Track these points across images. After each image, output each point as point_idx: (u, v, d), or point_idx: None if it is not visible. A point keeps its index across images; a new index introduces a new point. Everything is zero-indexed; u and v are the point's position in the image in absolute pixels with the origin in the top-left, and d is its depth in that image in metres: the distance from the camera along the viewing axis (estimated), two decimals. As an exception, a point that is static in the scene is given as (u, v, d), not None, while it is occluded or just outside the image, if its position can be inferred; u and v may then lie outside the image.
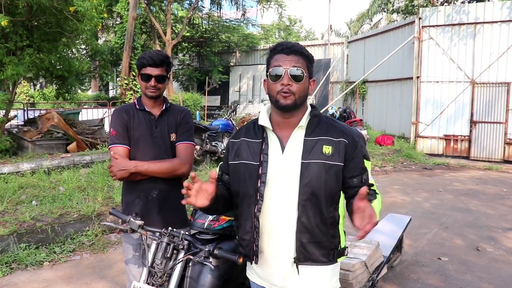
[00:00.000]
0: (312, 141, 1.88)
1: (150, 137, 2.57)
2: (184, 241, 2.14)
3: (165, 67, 2.56)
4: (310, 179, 1.85)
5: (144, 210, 2.56)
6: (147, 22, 19.14)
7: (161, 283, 2.15)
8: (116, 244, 5.41)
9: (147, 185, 2.57)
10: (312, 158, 1.86)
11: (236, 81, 22.61)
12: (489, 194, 8.42)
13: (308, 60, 1.90)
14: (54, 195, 6.37)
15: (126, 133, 2.55)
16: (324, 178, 1.85)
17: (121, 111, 2.62)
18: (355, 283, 3.50)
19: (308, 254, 1.90)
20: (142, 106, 2.62)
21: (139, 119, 2.59)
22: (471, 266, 4.82)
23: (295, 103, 1.86)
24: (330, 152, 1.86)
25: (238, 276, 2.41)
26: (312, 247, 1.89)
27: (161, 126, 2.61)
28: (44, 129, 9.26)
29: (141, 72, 2.53)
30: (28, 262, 4.64)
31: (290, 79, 1.83)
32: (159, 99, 2.63)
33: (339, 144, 1.88)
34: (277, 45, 1.91)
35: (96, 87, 30.93)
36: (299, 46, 1.89)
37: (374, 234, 4.57)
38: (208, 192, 1.80)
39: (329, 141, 1.88)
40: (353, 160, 1.89)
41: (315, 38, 35.58)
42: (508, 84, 12.02)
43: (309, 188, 1.85)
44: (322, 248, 1.91)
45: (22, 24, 8.65)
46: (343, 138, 1.89)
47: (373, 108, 16.83)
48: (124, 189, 2.69)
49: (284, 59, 1.85)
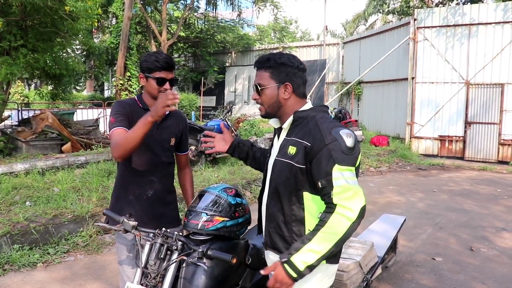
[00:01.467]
0: (285, 141, 2.04)
1: (149, 138, 2.52)
2: (178, 242, 2.13)
3: (173, 70, 2.56)
4: (275, 176, 2.05)
5: (137, 209, 2.55)
6: (142, 22, 19.10)
7: (155, 284, 2.15)
8: (110, 245, 5.40)
9: (143, 184, 2.57)
10: (280, 156, 2.04)
11: (232, 81, 22.59)
12: (483, 194, 8.46)
13: (274, 68, 2.00)
14: (48, 196, 6.33)
15: (126, 119, 2.46)
16: (286, 176, 1.98)
17: (124, 103, 2.56)
18: (349, 283, 3.51)
19: (273, 243, 2.09)
20: (145, 106, 2.57)
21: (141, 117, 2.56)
22: (465, 266, 4.83)
23: (266, 112, 2.11)
24: (293, 152, 1.95)
25: (232, 277, 2.41)
26: (276, 237, 2.07)
27: (162, 129, 2.60)
28: (38, 129, 9.21)
29: (155, 75, 2.46)
30: (21, 264, 4.61)
31: (255, 93, 2.09)
32: None
33: (301, 146, 1.93)
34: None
35: (91, 87, 30.83)
36: (262, 59, 2.05)
37: (369, 234, 4.59)
38: (226, 140, 2.43)
39: (296, 142, 1.96)
40: (315, 163, 1.89)
41: (311, 38, 35.63)
42: (502, 85, 12.08)
43: (274, 183, 2.06)
44: (285, 242, 2.03)
45: (16, 24, 8.61)
46: (306, 141, 1.92)
47: (368, 108, 16.86)
48: (118, 183, 2.66)
49: (256, 75, 2.09)
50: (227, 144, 2.44)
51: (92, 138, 10.25)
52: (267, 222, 2.12)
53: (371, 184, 9.31)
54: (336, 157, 1.85)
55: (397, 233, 4.61)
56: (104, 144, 9.83)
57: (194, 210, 2.36)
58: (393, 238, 4.49)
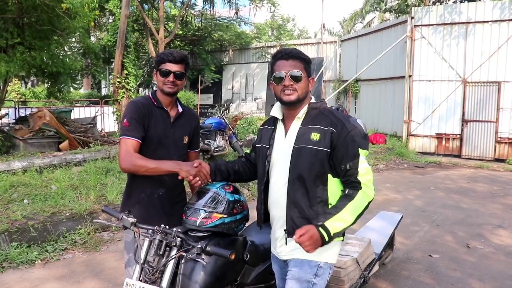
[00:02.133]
0: (304, 129, 2.19)
1: (163, 137, 2.58)
2: (177, 238, 2.15)
3: (184, 64, 2.58)
4: (298, 162, 2.17)
5: (148, 207, 2.59)
6: (139, 20, 19.07)
7: (154, 280, 2.16)
8: (108, 243, 5.41)
9: (154, 183, 2.60)
10: (302, 143, 2.17)
11: (229, 79, 22.58)
12: (479, 192, 8.49)
13: (305, 62, 2.23)
14: (46, 194, 6.32)
15: (140, 126, 2.50)
16: (310, 161, 2.14)
17: (139, 104, 2.57)
18: (346, 280, 3.53)
19: (297, 228, 2.09)
20: (160, 104, 2.61)
21: (156, 117, 2.58)
22: (462, 263, 4.86)
23: (299, 98, 2.19)
24: (317, 138, 2.14)
25: (230, 273, 2.43)
26: (300, 222, 2.16)
27: (176, 127, 2.64)
28: (36, 127, 9.19)
29: (160, 67, 2.54)
30: (19, 261, 4.63)
31: (291, 80, 2.17)
32: (174, 96, 2.66)
33: (327, 132, 2.14)
34: (277, 53, 2.26)
35: (89, 85, 30.76)
36: (296, 51, 2.23)
37: (366, 231, 4.62)
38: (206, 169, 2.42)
39: (318, 129, 2.16)
40: (340, 148, 2.12)
41: (308, 36, 35.64)
42: (499, 83, 12.12)
43: (297, 169, 2.17)
44: (310, 224, 2.10)
45: (13, 22, 8.59)
46: (331, 127, 2.14)
47: (365, 106, 16.89)
48: (130, 181, 2.69)
49: (284, 64, 2.19)
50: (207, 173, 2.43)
51: (89, 136, 10.24)
52: (289, 210, 2.19)
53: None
54: (359, 142, 2.15)
55: (394, 230, 4.64)
56: (102, 142, 9.82)
57: (192, 207, 2.38)
58: (390, 235, 4.51)
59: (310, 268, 2.19)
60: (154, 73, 2.61)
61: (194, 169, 2.35)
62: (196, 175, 2.35)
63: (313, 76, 2.29)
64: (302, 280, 2.19)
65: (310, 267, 2.19)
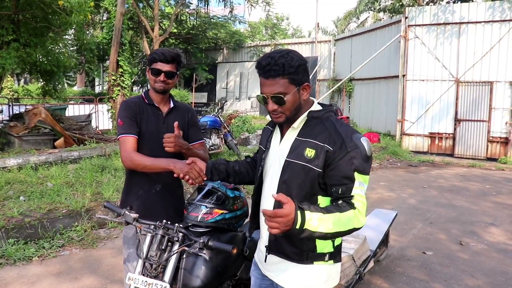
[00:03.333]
0: (299, 142, 1.93)
1: (156, 132, 2.61)
2: (179, 233, 2.19)
3: (175, 64, 2.61)
4: (287, 177, 1.92)
5: (147, 203, 2.62)
6: (134, 17, 18.99)
7: (156, 275, 2.19)
8: (105, 239, 5.43)
9: (151, 178, 2.63)
10: (294, 158, 1.91)
11: (223, 78, 22.60)
12: (472, 190, 8.60)
13: (291, 74, 1.86)
14: (42, 191, 6.33)
15: (134, 123, 2.58)
16: (301, 180, 1.89)
17: (130, 103, 2.65)
18: (342, 276, 3.58)
19: (279, 247, 1.97)
20: (151, 101, 2.67)
21: (148, 114, 2.64)
22: (455, 260, 4.94)
23: (288, 118, 1.94)
24: (312, 155, 1.87)
25: (231, 268, 2.47)
26: (283, 241, 1.95)
27: (168, 122, 2.66)
28: (31, 124, 9.16)
29: (152, 66, 2.58)
30: (16, 258, 4.64)
31: (273, 104, 1.90)
32: (166, 94, 2.69)
33: (322, 149, 1.86)
34: (258, 63, 1.90)
35: (82, 83, 30.63)
36: (276, 66, 1.83)
37: (361, 228, 4.67)
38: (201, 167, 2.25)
39: (314, 145, 1.88)
40: (335, 169, 1.84)
41: (302, 35, 35.71)
42: (491, 83, 12.25)
43: (285, 186, 1.92)
44: (293, 246, 1.94)
45: (9, 18, 8.56)
46: (328, 145, 1.85)
47: (359, 106, 16.99)
48: (128, 179, 2.73)
49: (265, 83, 1.88)
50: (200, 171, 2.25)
51: (84, 134, 10.22)
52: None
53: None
54: (357, 165, 1.82)
55: (388, 227, 4.71)
56: (97, 140, 9.81)
57: (193, 203, 2.43)
58: (385, 232, 4.59)
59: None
60: (147, 71, 2.66)
61: (187, 166, 2.29)
62: (187, 173, 2.29)
63: (307, 82, 1.94)
64: None
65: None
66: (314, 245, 1.93)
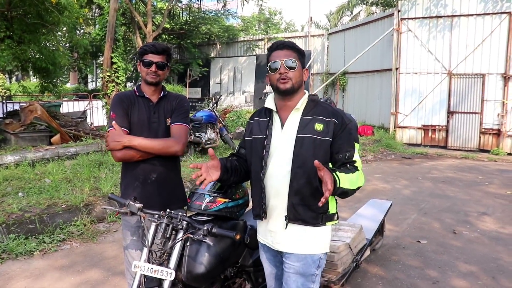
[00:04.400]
0: (307, 120, 2.25)
1: (148, 122, 2.70)
2: (183, 222, 2.26)
3: (165, 56, 2.70)
4: (301, 150, 2.22)
5: (143, 193, 2.66)
6: (126, 13, 18.96)
7: (161, 262, 2.27)
8: (105, 234, 5.49)
9: (145, 168, 2.69)
10: (306, 133, 2.23)
11: (217, 73, 22.61)
12: (465, 181, 8.73)
13: (299, 53, 2.30)
14: (41, 187, 6.38)
15: (125, 116, 2.67)
16: (314, 151, 2.21)
17: (122, 97, 2.74)
18: (340, 263, 3.68)
19: (298, 214, 2.24)
20: (141, 93, 2.75)
21: (139, 105, 2.72)
22: (448, 248, 5.06)
23: (293, 87, 2.25)
24: (321, 129, 2.22)
25: (233, 255, 2.56)
26: (301, 209, 2.24)
27: (158, 111, 2.73)
28: (27, 121, 9.18)
29: (143, 58, 2.66)
30: (18, 252, 4.69)
31: (286, 68, 2.23)
32: (158, 86, 2.76)
33: (330, 123, 2.23)
34: (273, 44, 2.32)
35: (75, 80, 30.51)
36: (291, 42, 2.31)
37: (357, 218, 4.78)
38: (215, 166, 2.25)
39: (321, 120, 2.23)
40: (340, 138, 2.23)
41: (295, 30, 35.74)
42: (483, 76, 12.39)
43: (300, 158, 2.21)
44: (311, 210, 2.23)
45: (1, 15, 8.55)
46: (333, 119, 2.23)
47: (353, 99, 17.09)
48: (123, 172, 2.80)
49: (279, 54, 2.26)
50: (217, 170, 2.26)
51: (80, 130, 10.25)
52: (291, 197, 2.23)
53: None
54: (355, 136, 2.28)
55: (384, 216, 4.81)
56: (93, 136, 9.85)
57: (197, 192, 2.50)
58: (380, 221, 4.68)
59: (313, 262, 2.28)
60: (138, 65, 2.74)
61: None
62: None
63: (306, 68, 2.35)
64: (307, 275, 2.28)
65: (313, 261, 2.28)
66: (327, 207, 2.28)
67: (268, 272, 2.50)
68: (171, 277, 2.17)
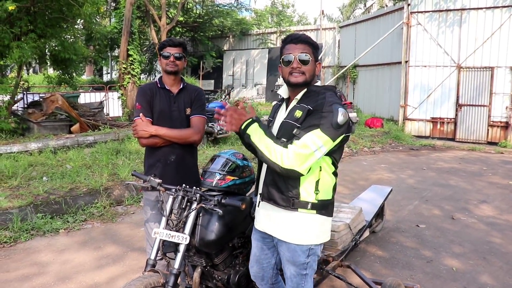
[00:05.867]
0: (295, 107, 2.34)
1: (169, 111, 3.08)
2: (196, 194, 2.62)
3: (181, 48, 3.08)
4: (280, 134, 2.33)
5: (163, 172, 3.04)
6: (141, 7, 19.35)
7: (177, 230, 2.62)
8: (123, 215, 5.90)
9: (166, 151, 3.07)
10: (287, 118, 2.34)
11: (230, 65, 22.94)
12: (469, 171, 8.97)
13: (313, 47, 2.36)
14: (63, 172, 6.82)
15: (149, 107, 3.06)
16: (289, 135, 2.25)
17: (145, 89, 3.14)
18: (339, 242, 4.01)
19: (270, 194, 2.38)
20: (162, 85, 3.13)
21: (160, 95, 3.10)
22: (445, 232, 5.36)
23: (306, 80, 2.34)
24: (299, 116, 2.26)
25: (240, 226, 2.91)
26: (272, 189, 2.36)
27: (178, 102, 3.12)
28: (49, 111, 9.65)
29: (162, 52, 3.05)
30: (45, 229, 5.13)
31: (299, 62, 2.31)
32: (177, 76, 3.13)
33: (305, 109, 2.25)
34: (287, 37, 2.40)
35: (91, 72, 31.11)
36: (306, 36, 2.36)
37: (358, 202, 5.11)
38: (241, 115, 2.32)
39: (302, 108, 2.28)
40: (306, 120, 2.23)
41: (308, 23, 35.83)
42: (492, 69, 12.53)
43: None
44: (280, 192, 2.32)
45: (26, 10, 8.97)
46: (310, 105, 2.25)
47: (363, 91, 17.30)
48: (147, 154, 3.19)
49: (293, 47, 2.33)
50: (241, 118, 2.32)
51: (98, 120, 10.70)
52: (266, 176, 2.41)
53: (364, 162, 9.82)
54: (322, 123, 2.16)
55: (384, 201, 5.11)
56: (110, 126, 10.28)
57: (208, 171, 2.86)
58: (380, 205, 4.99)
59: (302, 252, 2.37)
60: (159, 59, 3.11)
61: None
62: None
63: (319, 61, 2.42)
64: (297, 264, 2.39)
65: (302, 252, 2.37)
66: (298, 192, 2.29)
67: (253, 253, 2.66)
68: (186, 241, 2.52)
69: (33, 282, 3.98)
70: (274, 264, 2.65)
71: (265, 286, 2.71)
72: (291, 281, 2.45)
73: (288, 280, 2.47)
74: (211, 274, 2.85)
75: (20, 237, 4.93)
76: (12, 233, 4.94)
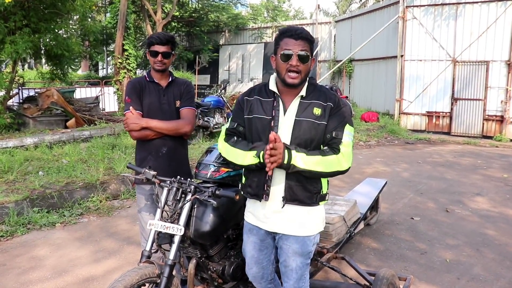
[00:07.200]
0: (306, 103, 2.34)
1: (158, 104, 3.10)
2: (191, 186, 2.64)
3: (170, 45, 3.08)
4: (299, 134, 2.31)
5: (155, 164, 3.04)
6: (136, 1, 19.27)
7: (172, 221, 2.64)
8: (119, 209, 5.92)
9: (157, 144, 3.09)
10: (304, 116, 2.32)
11: (226, 60, 22.90)
12: (464, 165, 9.02)
13: (311, 43, 2.33)
14: (59, 166, 6.82)
15: (139, 100, 3.08)
16: (311, 134, 2.31)
17: (134, 82, 3.16)
18: (334, 234, 4.04)
19: (295, 195, 2.36)
20: (151, 79, 3.15)
21: (150, 89, 3.13)
22: (439, 224, 5.40)
23: (301, 80, 2.32)
24: (319, 113, 2.31)
25: (234, 217, 2.93)
26: (298, 189, 2.35)
27: (168, 94, 3.14)
28: (45, 106, 9.64)
29: (150, 49, 3.05)
30: (42, 223, 5.14)
31: (298, 60, 2.26)
32: (165, 72, 3.16)
33: (327, 107, 2.33)
34: (287, 30, 2.32)
35: (86, 67, 31.01)
36: (306, 32, 2.31)
37: (353, 194, 5.14)
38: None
39: (319, 105, 2.33)
40: (332, 119, 2.32)
41: (304, 17, 35.78)
42: (487, 63, 12.57)
43: (298, 140, 2.31)
44: (307, 191, 2.36)
45: (20, 4, 8.93)
46: (330, 102, 2.33)
47: (359, 86, 17.32)
48: (138, 147, 3.21)
49: (293, 43, 2.26)
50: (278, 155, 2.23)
51: (94, 115, 10.69)
52: (288, 179, 2.34)
53: (359, 156, 9.85)
54: (347, 118, 2.38)
55: (378, 193, 5.14)
56: (106, 120, 10.28)
57: (203, 163, 2.88)
58: (374, 198, 5.02)
59: (310, 241, 2.43)
60: (147, 54, 3.13)
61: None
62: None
63: (313, 57, 2.38)
64: (304, 254, 2.44)
65: (310, 241, 2.43)
66: (321, 187, 2.40)
67: (250, 255, 2.60)
68: (180, 232, 2.54)
69: (29, 275, 4.00)
70: (273, 259, 2.67)
71: (264, 283, 2.71)
72: (296, 272, 2.47)
73: (293, 272, 2.47)
74: (206, 266, 2.87)
75: (16, 231, 4.95)
76: (9, 227, 4.96)
